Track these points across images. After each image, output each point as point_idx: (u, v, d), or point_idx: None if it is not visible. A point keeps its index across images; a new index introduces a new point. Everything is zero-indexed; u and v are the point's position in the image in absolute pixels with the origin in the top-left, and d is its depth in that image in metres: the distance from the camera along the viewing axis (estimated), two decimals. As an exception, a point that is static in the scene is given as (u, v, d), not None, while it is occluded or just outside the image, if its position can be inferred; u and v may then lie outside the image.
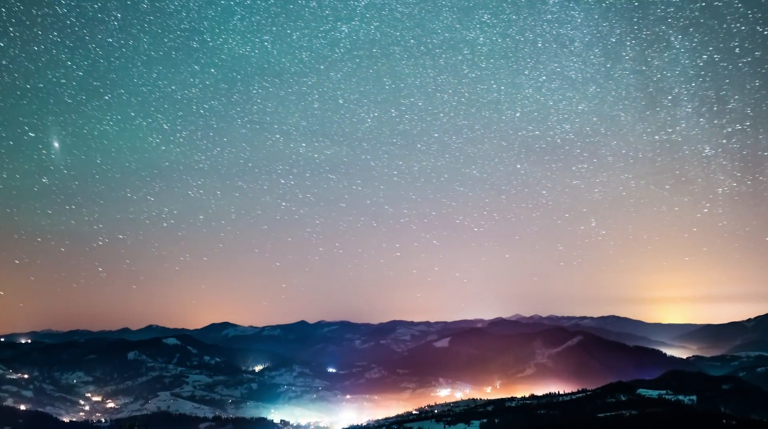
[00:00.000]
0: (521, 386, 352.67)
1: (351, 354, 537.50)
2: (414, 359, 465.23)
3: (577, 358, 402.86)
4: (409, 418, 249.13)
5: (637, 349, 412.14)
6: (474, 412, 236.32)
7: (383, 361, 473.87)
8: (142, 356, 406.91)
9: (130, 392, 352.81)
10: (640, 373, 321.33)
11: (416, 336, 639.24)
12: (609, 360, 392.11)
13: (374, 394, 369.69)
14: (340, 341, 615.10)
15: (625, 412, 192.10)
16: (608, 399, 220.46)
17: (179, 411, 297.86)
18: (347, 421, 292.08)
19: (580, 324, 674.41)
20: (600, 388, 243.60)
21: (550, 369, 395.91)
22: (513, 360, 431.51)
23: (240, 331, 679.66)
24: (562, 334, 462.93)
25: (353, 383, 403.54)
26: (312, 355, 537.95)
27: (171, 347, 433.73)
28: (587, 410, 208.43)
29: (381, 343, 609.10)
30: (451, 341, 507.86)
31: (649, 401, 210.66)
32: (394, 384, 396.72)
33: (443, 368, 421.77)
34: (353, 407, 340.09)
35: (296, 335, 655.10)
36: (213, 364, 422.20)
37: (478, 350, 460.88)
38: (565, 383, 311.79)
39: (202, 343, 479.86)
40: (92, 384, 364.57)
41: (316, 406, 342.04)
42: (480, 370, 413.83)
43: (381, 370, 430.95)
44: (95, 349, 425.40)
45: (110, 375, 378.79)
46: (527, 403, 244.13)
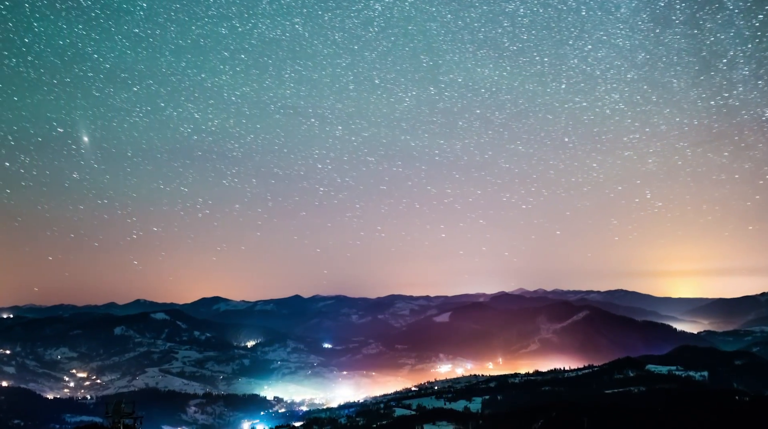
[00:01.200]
0: (525, 362, 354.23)
1: (347, 329, 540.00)
2: (413, 334, 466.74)
3: (583, 333, 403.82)
4: (408, 394, 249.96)
5: (645, 324, 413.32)
6: (476, 389, 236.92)
7: (381, 336, 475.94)
8: (129, 331, 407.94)
9: (116, 368, 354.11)
10: (649, 348, 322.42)
11: (415, 310, 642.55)
12: (616, 335, 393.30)
13: (372, 371, 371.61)
14: (336, 316, 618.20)
15: (633, 389, 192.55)
16: (616, 375, 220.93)
17: (168, 387, 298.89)
18: (343, 398, 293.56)
19: (587, 298, 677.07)
20: (607, 364, 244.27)
21: (555, 344, 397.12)
22: (516, 335, 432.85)
23: (231, 306, 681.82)
24: (567, 309, 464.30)
25: (350, 359, 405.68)
26: (307, 330, 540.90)
27: (159, 322, 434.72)
28: (594, 387, 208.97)
29: (379, 317, 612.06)
30: (451, 316, 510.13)
31: (658, 377, 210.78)
32: (392, 360, 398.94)
33: (444, 344, 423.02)
34: (350, 384, 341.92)
35: (290, 310, 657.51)
36: (203, 339, 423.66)
37: (480, 325, 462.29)
38: (571, 359, 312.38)
39: (191, 318, 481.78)
40: (77, 360, 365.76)
41: (311, 382, 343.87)
42: (482, 346, 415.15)
43: (379, 346, 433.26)
44: (80, 324, 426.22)
45: (96, 351, 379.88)
46: (531, 379, 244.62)
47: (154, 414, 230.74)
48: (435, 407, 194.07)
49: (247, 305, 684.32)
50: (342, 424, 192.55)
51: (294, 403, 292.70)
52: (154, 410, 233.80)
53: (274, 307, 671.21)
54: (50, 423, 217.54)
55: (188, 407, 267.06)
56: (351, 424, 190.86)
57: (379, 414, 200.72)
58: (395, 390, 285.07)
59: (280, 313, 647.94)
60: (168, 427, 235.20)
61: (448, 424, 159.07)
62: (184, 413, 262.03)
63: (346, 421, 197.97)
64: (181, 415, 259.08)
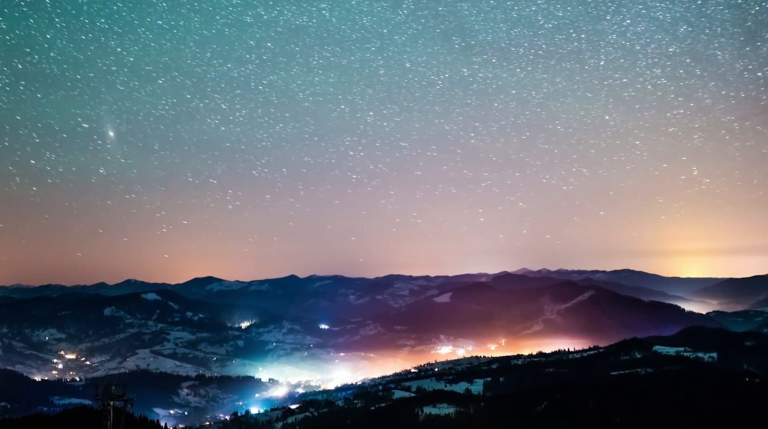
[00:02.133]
0: (528, 343, 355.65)
1: (345, 310, 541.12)
2: (413, 315, 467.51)
3: (589, 313, 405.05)
4: (408, 376, 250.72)
5: (653, 305, 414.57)
6: (477, 371, 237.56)
7: (379, 317, 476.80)
8: (119, 312, 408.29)
9: (106, 350, 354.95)
10: (657, 329, 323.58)
11: (415, 291, 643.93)
12: (623, 316, 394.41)
13: (370, 352, 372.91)
14: (333, 296, 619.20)
15: (640, 370, 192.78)
16: (622, 356, 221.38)
17: (160, 369, 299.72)
18: (341, 380, 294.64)
19: (592, 278, 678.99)
20: (613, 345, 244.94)
21: (560, 325, 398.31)
22: (519, 316, 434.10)
23: (225, 286, 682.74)
24: (572, 289, 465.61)
25: (347, 340, 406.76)
26: (303, 310, 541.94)
27: (151, 303, 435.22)
28: (599, 368, 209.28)
29: (377, 298, 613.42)
30: (452, 296, 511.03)
31: (666, 359, 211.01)
32: (391, 341, 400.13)
33: (444, 325, 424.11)
34: (347, 365, 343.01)
35: (286, 290, 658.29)
36: (196, 320, 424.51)
37: (482, 306, 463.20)
38: (576, 340, 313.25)
39: (184, 299, 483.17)
40: (66, 341, 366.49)
41: (307, 364, 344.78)
42: (484, 327, 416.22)
43: (377, 327, 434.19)
44: (69, 305, 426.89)
45: (85, 332, 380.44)
46: (535, 361, 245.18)
47: (146, 396, 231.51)
48: (435, 389, 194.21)
49: (242, 285, 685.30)
50: (339, 407, 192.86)
51: (290, 385, 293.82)
52: (145, 392, 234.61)
53: (269, 288, 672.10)
54: (38, 405, 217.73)
55: (180, 389, 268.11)
56: (348, 407, 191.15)
57: (377, 396, 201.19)
58: (394, 372, 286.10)
59: (275, 293, 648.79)
60: (160, 409, 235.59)
61: (449, 407, 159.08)
62: (177, 395, 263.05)
63: (343, 403, 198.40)
64: (173, 398, 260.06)
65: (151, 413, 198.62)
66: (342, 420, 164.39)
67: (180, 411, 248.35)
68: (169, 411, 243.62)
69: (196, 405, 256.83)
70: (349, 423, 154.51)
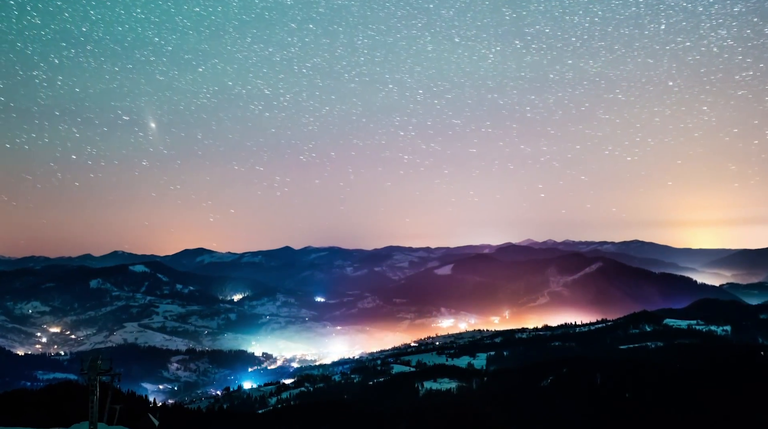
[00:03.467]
0: (533, 316, 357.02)
1: (342, 282, 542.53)
2: (412, 287, 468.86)
3: (596, 286, 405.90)
4: (407, 350, 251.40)
5: (663, 277, 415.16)
6: (480, 344, 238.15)
7: (378, 289, 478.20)
8: (106, 284, 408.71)
9: (92, 323, 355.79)
10: (668, 301, 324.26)
11: (415, 262, 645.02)
12: (632, 288, 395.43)
13: (368, 325, 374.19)
14: (330, 268, 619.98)
15: (650, 344, 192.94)
16: (631, 330, 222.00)
17: (148, 343, 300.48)
18: (337, 354, 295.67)
19: (600, 249, 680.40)
20: (622, 318, 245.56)
21: (566, 298, 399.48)
22: (524, 288, 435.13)
23: (216, 258, 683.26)
24: (579, 261, 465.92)
25: (344, 313, 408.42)
26: (298, 283, 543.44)
27: (139, 275, 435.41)
28: (608, 342, 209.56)
29: (375, 270, 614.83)
30: (454, 268, 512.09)
31: (677, 332, 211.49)
32: (390, 314, 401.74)
33: (445, 297, 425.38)
34: (344, 339, 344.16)
35: (280, 262, 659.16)
36: (186, 292, 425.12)
37: (485, 278, 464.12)
38: (583, 313, 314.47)
39: (173, 271, 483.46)
40: (50, 314, 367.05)
41: (303, 337, 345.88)
42: (487, 300, 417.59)
43: (375, 300, 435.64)
44: (53, 277, 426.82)
45: (70, 305, 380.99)
46: (540, 334, 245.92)
47: (134, 371, 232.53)
48: (436, 364, 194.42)
49: (234, 257, 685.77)
50: (336, 382, 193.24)
51: (284, 359, 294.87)
52: (133, 367, 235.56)
53: (262, 259, 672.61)
54: (21, 380, 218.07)
55: (170, 364, 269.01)
56: (345, 382, 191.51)
57: (375, 371, 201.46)
58: (393, 346, 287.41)
59: (268, 265, 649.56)
60: (148, 384, 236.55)
61: (451, 382, 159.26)
62: (166, 370, 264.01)
63: (340, 378, 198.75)
64: (163, 372, 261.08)
65: (140, 388, 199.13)
66: (339, 395, 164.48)
67: (169, 386, 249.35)
68: (158, 386, 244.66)
69: (186, 380, 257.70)
70: (346, 398, 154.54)
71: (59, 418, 54.50)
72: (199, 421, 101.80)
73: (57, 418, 56.26)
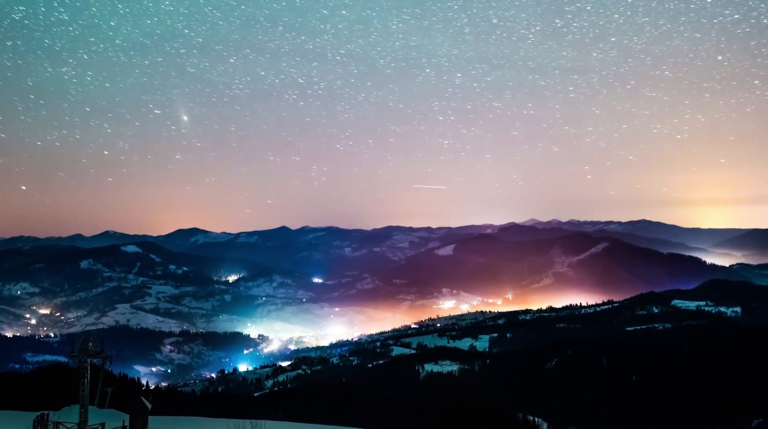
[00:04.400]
0: (537, 298, 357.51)
1: (340, 262, 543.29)
2: (413, 268, 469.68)
3: (602, 266, 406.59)
4: (408, 332, 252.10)
5: (671, 257, 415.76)
6: (482, 326, 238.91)
7: (377, 270, 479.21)
8: (97, 265, 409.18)
9: (83, 304, 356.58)
10: (676, 282, 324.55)
11: (415, 243, 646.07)
12: (639, 268, 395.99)
13: (367, 307, 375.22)
14: (327, 249, 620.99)
15: (658, 326, 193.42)
16: (638, 311, 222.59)
17: (141, 325, 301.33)
18: (335, 336, 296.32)
19: (606, 229, 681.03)
20: (629, 300, 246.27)
21: (571, 279, 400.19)
22: (528, 269, 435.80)
23: (211, 238, 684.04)
24: (584, 241, 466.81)
25: (342, 294, 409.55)
26: (295, 263, 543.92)
27: (131, 255, 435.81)
28: (614, 323, 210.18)
29: (374, 250, 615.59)
30: (455, 248, 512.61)
31: (685, 313, 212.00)
32: (389, 295, 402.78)
33: (447, 278, 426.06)
34: (342, 321, 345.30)
35: (276, 242, 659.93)
36: (180, 273, 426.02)
37: (487, 258, 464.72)
38: (588, 294, 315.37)
39: (166, 251, 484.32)
40: (39, 295, 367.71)
41: (300, 319, 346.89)
42: (489, 280, 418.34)
43: (375, 280, 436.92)
44: (42, 258, 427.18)
45: (60, 286, 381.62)
46: (544, 315, 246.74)
47: (126, 353, 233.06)
48: (437, 346, 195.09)
49: (229, 237, 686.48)
50: (334, 364, 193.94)
51: (281, 341, 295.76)
52: (125, 349, 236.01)
53: (258, 240, 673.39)
54: (9, 363, 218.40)
55: (163, 346, 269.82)
56: (344, 364, 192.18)
57: (375, 353, 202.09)
58: (393, 327, 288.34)
59: (264, 245, 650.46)
60: (141, 366, 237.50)
61: (452, 364, 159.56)
62: (159, 352, 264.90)
63: (338, 360, 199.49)
64: (156, 354, 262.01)
65: (132, 371, 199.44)
66: (337, 378, 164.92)
67: (162, 368, 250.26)
68: (151, 368, 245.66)
69: (179, 362, 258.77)
70: (344, 381, 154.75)
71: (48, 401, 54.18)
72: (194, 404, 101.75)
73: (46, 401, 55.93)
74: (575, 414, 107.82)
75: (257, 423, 31.25)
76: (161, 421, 50.69)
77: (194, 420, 55.81)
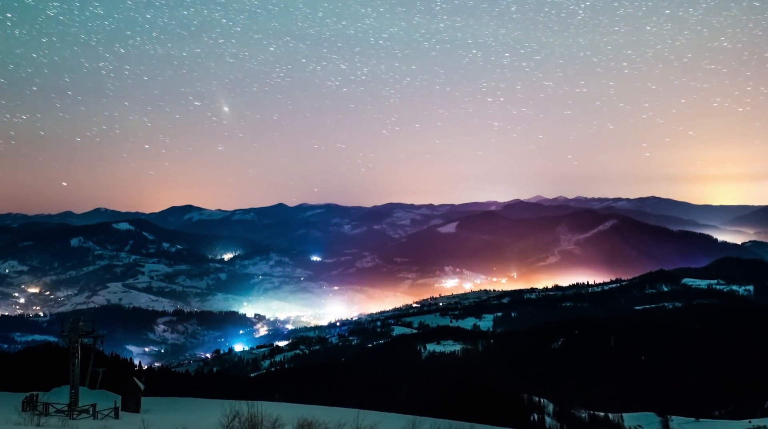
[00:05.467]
0: (543, 276, 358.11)
1: (339, 240, 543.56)
2: (414, 246, 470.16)
3: (610, 244, 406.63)
4: (409, 312, 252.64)
5: (682, 234, 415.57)
6: (486, 305, 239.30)
7: (377, 248, 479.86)
8: (88, 243, 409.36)
9: (73, 283, 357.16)
10: (686, 260, 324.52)
11: (417, 220, 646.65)
12: (648, 246, 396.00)
13: (366, 286, 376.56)
14: (326, 226, 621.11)
15: (667, 305, 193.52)
16: (647, 290, 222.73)
17: (133, 304, 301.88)
18: (334, 316, 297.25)
19: (614, 206, 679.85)
20: (637, 278, 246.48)
21: (578, 257, 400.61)
22: (533, 247, 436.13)
23: (206, 215, 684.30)
24: (591, 218, 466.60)
25: (342, 273, 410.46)
26: (292, 241, 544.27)
27: (123, 233, 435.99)
28: (622, 302, 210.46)
29: (375, 228, 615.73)
30: (458, 226, 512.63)
31: (696, 292, 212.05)
32: (390, 274, 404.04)
33: (449, 256, 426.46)
34: (341, 300, 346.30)
35: (273, 219, 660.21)
36: (173, 251, 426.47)
37: (491, 236, 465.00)
38: (596, 273, 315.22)
39: (159, 229, 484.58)
40: (28, 274, 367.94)
41: (297, 298, 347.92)
42: (493, 259, 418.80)
43: (375, 259, 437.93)
44: (31, 235, 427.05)
45: (50, 264, 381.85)
46: (550, 294, 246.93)
47: (118, 333, 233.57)
48: (439, 325, 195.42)
49: (224, 214, 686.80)
50: (333, 344, 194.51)
51: (278, 321, 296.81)
52: (117, 329, 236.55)
53: (254, 217, 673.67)
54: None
55: (156, 325, 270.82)
56: (343, 344, 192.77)
57: (375, 333, 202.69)
58: (394, 307, 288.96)
59: (261, 223, 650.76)
60: (133, 347, 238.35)
61: (455, 344, 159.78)
62: (152, 332, 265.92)
63: (337, 340, 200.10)
64: (149, 334, 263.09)
65: (124, 351, 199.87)
66: (336, 358, 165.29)
67: (156, 348, 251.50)
68: (144, 348, 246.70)
69: (173, 342, 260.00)
70: (344, 361, 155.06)
71: (38, 382, 54.10)
72: (188, 385, 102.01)
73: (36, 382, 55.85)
74: (582, 395, 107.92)
75: (253, 404, 30.92)
76: (154, 402, 50.60)
77: (188, 401, 55.69)
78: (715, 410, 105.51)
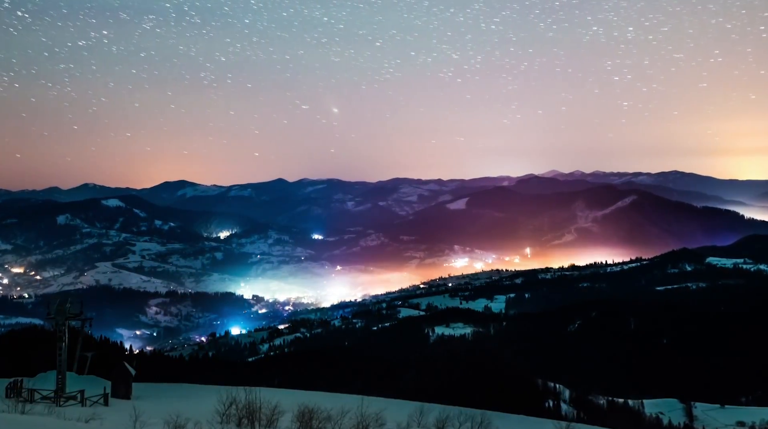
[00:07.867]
0: (558, 255, 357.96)
1: (342, 218, 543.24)
2: (422, 224, 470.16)
3: (630, 221, 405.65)
4: (416, 293, 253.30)
5: (706, 211, 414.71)
6: (498, 286, 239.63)
7: (383, 225, 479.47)
8: (75, 220, 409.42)
9: (60, 263, 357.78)
10: (711, 238, 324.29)
11: (425, 196, 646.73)
12: (670, 223, 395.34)
13: (371, 265, 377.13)
14: (328, 203, 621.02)
15: (691, 285, 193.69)
16: (670, 269, 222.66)
17: (123, 285, 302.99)
18: (337, 297, 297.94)
19: (634, 181, 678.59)
20: (659, 257, 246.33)
21: (596, 235, 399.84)
22: (548, 224, 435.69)
23: (201, 191, 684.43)
24: (610, 194, 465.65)
25: (345, 252, 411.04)
26: (292, 219, 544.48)
27: (112, 210, 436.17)
28: (643, 283, 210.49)
29: (380, 204, 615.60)
30: (469, 202, 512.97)
31: (721, 271, 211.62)
32: (396, 253, 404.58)
33: (459, 234, 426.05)
34: (345, 281, 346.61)
35: (272, 196, 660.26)
36: (166, 229, 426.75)
37: (504, 213, 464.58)
38: (615, 251, 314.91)
39: (151, 205, 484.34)
40: (12, 253, 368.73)
41: (298, 279, 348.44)
42: (506, 237, 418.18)
43: (380, 237, 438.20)
44: (15, 212, 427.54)
45: (35, 243, 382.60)
46: (566, 274, 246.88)
47: (107, 315, 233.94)
48: (449, 307, 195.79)
49: (220, 190, 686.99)
50: (335, 327, 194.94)
51: (277, 302, 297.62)
52: (106, 310, 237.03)
53: (252, 193, 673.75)
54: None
55: (148, 307, 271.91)
56: (346, 327, 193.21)
57: (380, 315, 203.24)
58: (400, 288, 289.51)
59: (259, 199, 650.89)
60: (124, 330, 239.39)
61: (465, 327, 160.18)
62: (144, 314, 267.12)
63: (340, 323, 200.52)
64: (140, 317, 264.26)
65: (114, 334, 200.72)
66: (339, 342, 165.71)
67: (147, 332, 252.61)
68: (135, 332, 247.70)
69: (166, 325, 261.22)
70: (347, 345, 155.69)
71: (23, 367, 54.19)
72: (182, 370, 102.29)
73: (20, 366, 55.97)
74: (600, 381, 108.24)
75: (251, 390, 30.79)
76: (146, 388, 50.61)
77: (182, 387, 55.74)
78: (742, 396, 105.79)
